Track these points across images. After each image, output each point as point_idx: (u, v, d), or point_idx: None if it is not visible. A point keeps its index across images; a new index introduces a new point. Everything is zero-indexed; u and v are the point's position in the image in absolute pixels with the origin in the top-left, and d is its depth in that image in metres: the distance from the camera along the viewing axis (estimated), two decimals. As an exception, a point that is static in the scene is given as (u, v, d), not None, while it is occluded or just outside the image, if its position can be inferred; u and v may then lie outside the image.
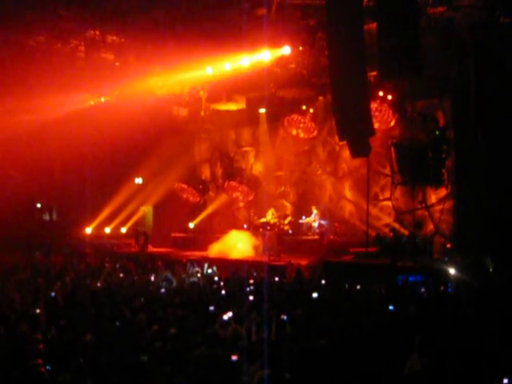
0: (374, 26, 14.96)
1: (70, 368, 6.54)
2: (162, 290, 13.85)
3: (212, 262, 19.72)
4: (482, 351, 6.69)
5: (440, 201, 20.63)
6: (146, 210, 29.43)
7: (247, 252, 22.24)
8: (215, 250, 22.98)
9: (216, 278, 15.59)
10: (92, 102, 26.71)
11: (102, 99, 26.46)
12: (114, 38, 20.10)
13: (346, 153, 19.42)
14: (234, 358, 6.57)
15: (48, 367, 6.89)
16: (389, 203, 22.65)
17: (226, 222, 26.45)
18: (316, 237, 23.03)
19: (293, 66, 20.87)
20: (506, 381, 5.54)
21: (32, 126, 25.05)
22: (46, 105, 24.33)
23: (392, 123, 21.56)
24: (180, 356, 7.07)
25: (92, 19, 18.83)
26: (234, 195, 27.86)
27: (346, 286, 13.99)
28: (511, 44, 16.22)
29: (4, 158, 26.46)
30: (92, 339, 8.00)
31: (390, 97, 21.16)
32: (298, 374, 6.29)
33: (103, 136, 27.68)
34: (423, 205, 21.01)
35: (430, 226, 20.83)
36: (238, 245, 22.91)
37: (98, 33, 19.52)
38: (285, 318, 8.88)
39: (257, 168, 28.18)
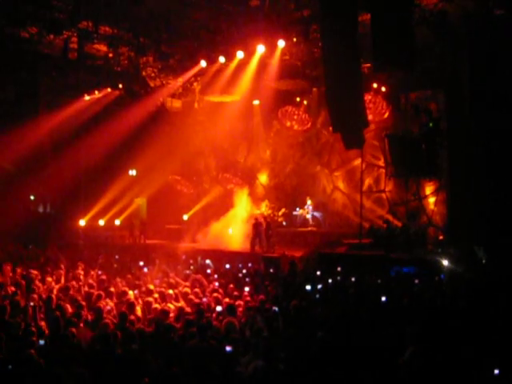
0: (367, 17, 14.93)
1: (63, 359, 6.56)
2: (157, 281, 13.84)
3: (205, 253, 19.71)
4: (473, 342, 6.74)
5: (433, 192, 20.73)
6: (140, 201, 29.37)
7: (239, 240, 22.15)
8: (206, 240, 23.05)
9: (209, 271, 15.58)
10: (87, 97, 26.59)
11: (96, 93, 26.35)
12: (107, 29, 19.96)
13: (340, 145, 19.41)
14: (229, 348, 6.59)
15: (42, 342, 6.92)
16: (382, 195, 22.72)
17: (220, 213, 26.34)
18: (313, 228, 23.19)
19: (287, 57, 20.84)
20: (496, 371, 5.59)
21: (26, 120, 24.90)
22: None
23: (386, 115, 21.61)
24: (174, 347, 7.10)
25: (85, 10, 18.70)
26: (228, 187, 27.84)
27: (338, 278, 14.01)
28: (505, 35, 16.22)
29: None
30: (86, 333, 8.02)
31: (383, 88, 21.19)
32: (292, 366, 6.33)
33: (97, 128, 27.63)
34: (417, 196, 21.09)
35: (424, 218, 20.92)
36: (229, 230, 22.94)
37: (90, 24, 19.36)
38: (276, 309, 8.90)
39: (250, 160, 28.14)
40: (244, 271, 15.71)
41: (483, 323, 7.83)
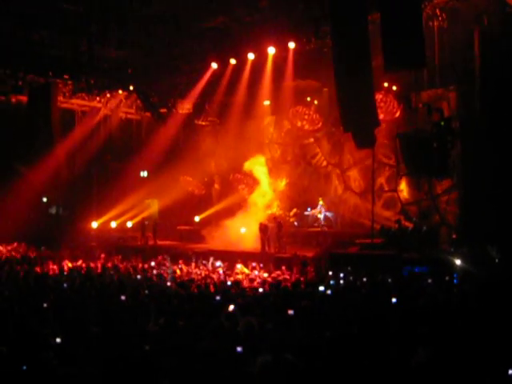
0: (377, 16, 14.89)
1: (78, 361, 6.58)
2: (168, 284, 13.88)
3: (217, 254, 19.76)
4: (486, 342, 6.69)
5: (445, 191, 20.61)
6: (152, 203, 29.45)
7: (251, 239, 22.12)
8: (218, 240, 23.12)
9: (221, 271, 15.63)
10: (98, 99, 26.82)
11: (108, 95, 26.53)
12: (118, 31, 20.05)
13: (351, 144, 19.39)
14: (239, 349, 6.56)
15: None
16: (394, 194, 22.63)
17: (231, 214, 26.39)
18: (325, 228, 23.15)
19: (297, 57, 20.81)
20: (511, 372, 5.54)
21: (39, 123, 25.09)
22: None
23: (397, 114, 21.51)
24: (185, 348, 7.09)
25: (95, 13, 18.82)
26: (240, 187, 27.85)
27: (351, 278, 13.96)
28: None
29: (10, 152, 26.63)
30: (99, 332, 8.04)
31: (394, 87, 21.10)
32: (304, 365, 6.30)
33: (109, 130, 27.82)
34: (429, 195, 20.98)
35: (436, 217, 20.81)
36: (241, 229, 22.97)
37: (101, 26, 19.47)
38: (291, 312, 8.84)
39: (262, 160, 28.06)
40: (256, 272, 15.76)
41: (496, 323, 7.77)
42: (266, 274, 14.92)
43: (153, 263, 17.64)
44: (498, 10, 16.21)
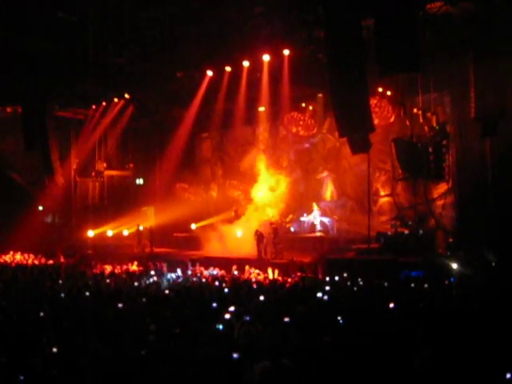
0: (371, 21, 14.92)
1: (73, 370, 6.55)
2: (166, 292, 13.83)
3: (214, 260, 19.71)
4: (484, 346, 6.69)
5: (441, 196, 20.64)
6: (148, 210, 29.35)
7: (248, 245, 22.05)
8: (214, 247, 23.07)
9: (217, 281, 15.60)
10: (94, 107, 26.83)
11: (104, 103, 26.50)
12: (114, 37, 20.05)
13: (347, 149, 19.40)
14: (235, 355, 6.53)
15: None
16: (390, 199, 22.64)
17: (227, 220, 26.33)
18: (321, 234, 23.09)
19: (291, 63, 20.81)
20: (508, 375, 5.54)
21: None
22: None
23: (392, 119, 21.56)
24: (182, 356, 7.06)
25: (91, 19, 18.83)
26: (236, 194, 27.83)
27: (349, 283, 13.96)
28: (509, 37, 16.17)
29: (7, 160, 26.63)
30: (95, 340, 8.01)
31: (389, 92, 21.15)
32: (300, 371, 6.29)
33: (104, 138, 27.79)
34: (424, 200, 21.00)
35: (432, 221, 20.82)
36: (238, 233, 22.95)
37: (96, 35, 19.47)
38: (287, 320, 8.80)
39: (257, 166, 28.04)
40: (253, 278, 15.74)
41: (493, 326, 7.77)
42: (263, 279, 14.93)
43: (152, 272, 17.60)
44: (491, 14, 16.26)
